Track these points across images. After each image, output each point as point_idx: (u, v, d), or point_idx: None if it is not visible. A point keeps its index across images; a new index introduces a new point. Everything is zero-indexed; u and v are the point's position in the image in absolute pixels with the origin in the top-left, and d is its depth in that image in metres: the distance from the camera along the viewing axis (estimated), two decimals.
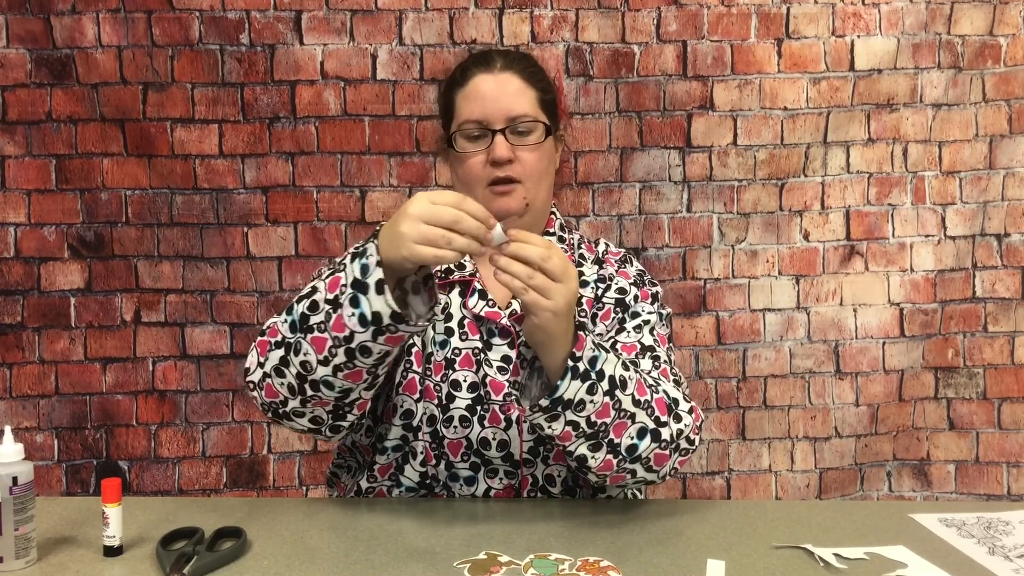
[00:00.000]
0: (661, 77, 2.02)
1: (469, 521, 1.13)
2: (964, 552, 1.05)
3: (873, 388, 2.08)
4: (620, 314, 1.28)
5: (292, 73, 1.98)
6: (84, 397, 2.00)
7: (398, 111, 2.01)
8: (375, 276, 1.01)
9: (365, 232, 2.00)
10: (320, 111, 1.99)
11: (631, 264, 1.36)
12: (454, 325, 1.24)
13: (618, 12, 2.01)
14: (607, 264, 1.34)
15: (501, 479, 1.23)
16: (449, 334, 1.23)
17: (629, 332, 1.26)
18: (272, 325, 1.11)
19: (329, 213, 2.02)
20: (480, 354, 1.22)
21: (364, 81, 2.00)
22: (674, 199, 2.06)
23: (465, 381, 1.21)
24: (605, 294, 1.30)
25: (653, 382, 1.16)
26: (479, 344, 1.23)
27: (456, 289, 1.26)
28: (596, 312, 1.29)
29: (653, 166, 2.05)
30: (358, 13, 1.98)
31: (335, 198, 2.02)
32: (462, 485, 1.23)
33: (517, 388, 1.19)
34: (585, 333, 1.08)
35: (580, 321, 1.12)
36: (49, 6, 1.93)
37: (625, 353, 1.22)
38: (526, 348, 1.11)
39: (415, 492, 1.25)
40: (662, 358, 1.24)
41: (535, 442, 1.21)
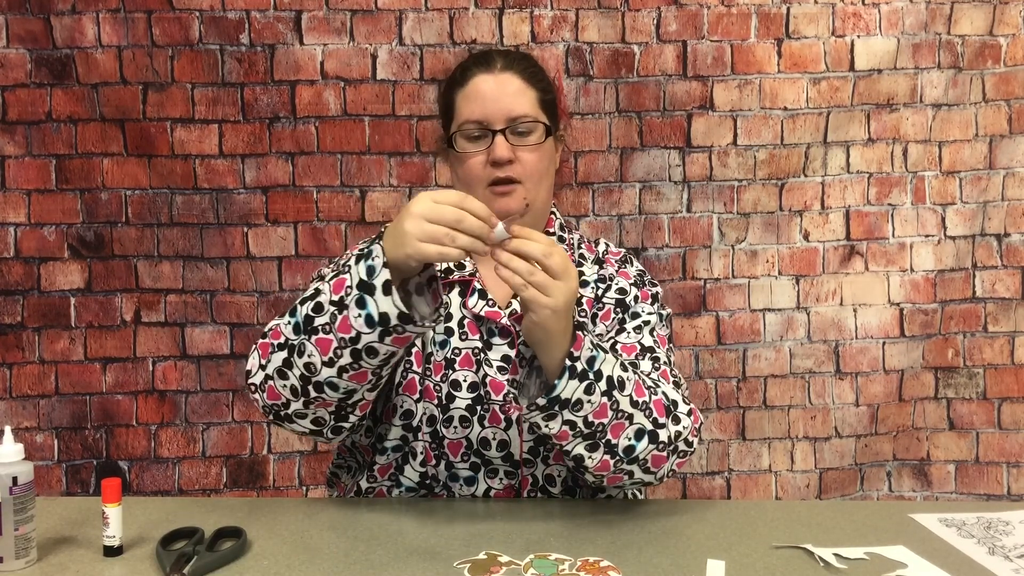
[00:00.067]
0: (661, 77, 2.02)
1: (469, 521, 1.13)
2: (964, 552, 1.05)
3: (873, 388, 2.08)
4: (620, 314, 1.28)
5: (292, 73, 1.98)
6: (84, 397, 2.00)
7: (398, 111, 2.01)
8: (382, 277, 1.01)
9: (365, 232, 2.00)
10: (320, 111, 1.99)
11: (631, 264, 1.36)
12: (454, 325, 1.24)
13: (618, 12, 2.01)
14: (607, 264, 1.34)
15: (501, 479, 1.23)
16: (449, 334, 1.23)
17: (629, 333, 1.26)
18: (274, 327, 1.11)
19: (329, 213, 2.02)
20: (480, 354, 1.22)
21: (364, 81, 2.00)
22: (674, 199, 2.06)
23: (465, 381, 1.21)
24: (605, 294, 1.30)
25: (652, 383, 1.16)
26: (479, 344, 1.23)
27: (456, 289, 1.26)
28: (596, 312, 1.28)
29: (653, 166, 2.05)
30: (358, 13, 1.98)
31: (335, 198, 2.02)
32: (462, 485, 1.23)
33: (516, 387, 1.19)
34: (584, 333, 1.08)
35: (579, 321, 1.12)
36: (49, 6, 1.93)
37: (624, 354, 1.22)
38: (525, 347, 1.11)
39: (415, 492, 1.25)
40: (662, 359, 1.24)
41: (535, 442, 1.21)
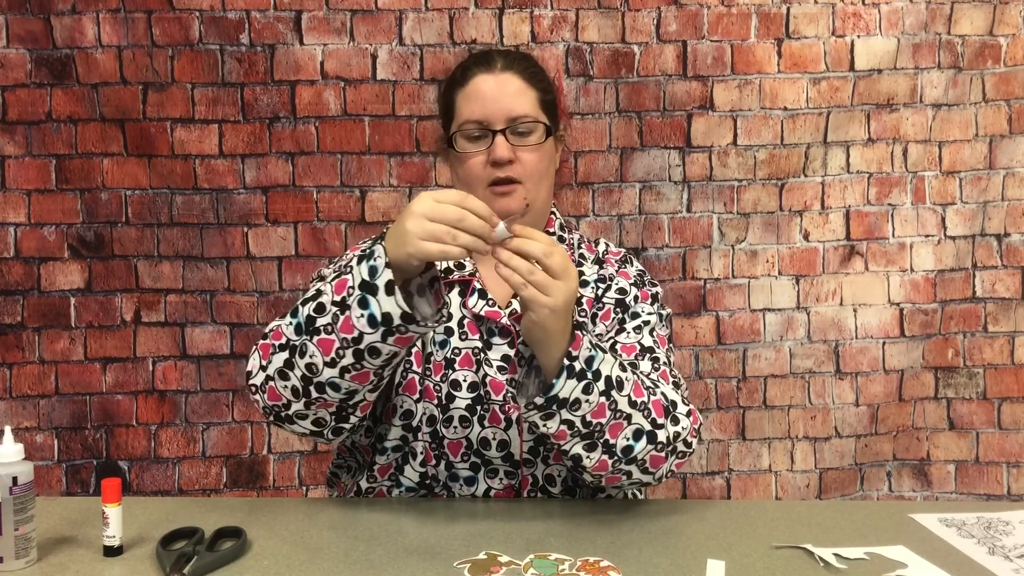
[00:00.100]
0: (661, 77, 2.02)
1: (469, 521, 1.13)
2: (964, 552, 1.05)
3: (873, 388, 2.08)
4: (620, 314, 1.28)
5: (292, 73, 1.98)
6: (84, 397, 2.00)
7: (398, 111, 2.01)
8: (384, 277, 1.01)
9: (365, 232, 2.00)
10: (320, 111, 1.99)
11: (631, 264, 1.36)
12: (454, 325, 1.24)
13: (618, 12, 2.01)
14: (607, 264, 1.34)
15: (501, 479, 1.23)
16: (449, 334, 1.23)
17: (629, 333, 1.25)
18: (275, 328, 1.11)
19: (329, 213, 2.02)
20: (480, 354, 1.22)
21: (364, 81, 2.00)
22: (674, 199, 2.06)
23: (465, 381, 1.21)
24: (605, 294, 1.30)
25: (651, 384, 1.15)
26: (479, 344, 1.23)
27: (456, 289, 1.26)
28: (596, 312, 1.28)
29: (653, 166, 2.05)
30: (358, 13, 1.98)
31: (335, 198, 2.02)
32: (462, 485, 1.23)
33: (514, 385, 1.19)
34: (583, 333, 1.08)
35: (579, 321, 1.12)
36: (49, 6, 1.93)
37: (624, 354, 1.22)
38: (524, 346, 1.11)
39: (415, 492, 1.25)
40: (661, 360, 1.24)
41: (535, 442, 1.21)
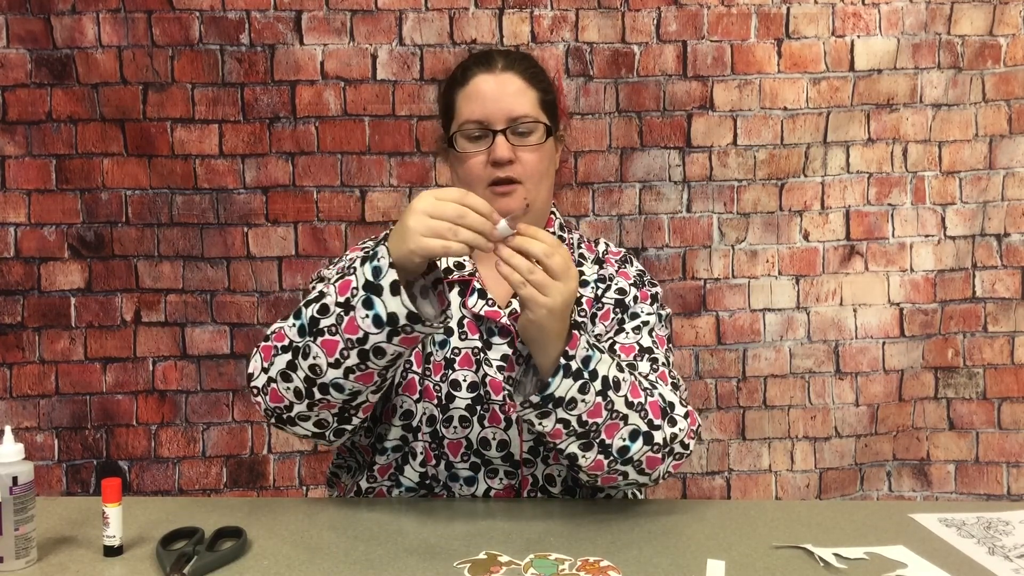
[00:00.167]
0: (661, 77, 2.02)
1: (469, 521, 1.13)
2: (964, 552, 1.05)
3: (873, 388, 2.08)
4: (619, 315, 1.28)
5: (292, 73, 1.98)
6: (84, 397, 2.00)
7: (398, 111, 2.01)
8: (389, 277, 1.01)
9: (365, 232, 2.00)
10: (320, 111, 1.99)
11: (631, 264, 1.36)
12: (453, 325, 1.24)
13: (618, 12, 2.01)
14: (607, 264, 1.34)
15: (501, 479, 1.23)
16: (448, 334, 1.23)
17: (628, 333, 1.25)
18: (277, 330, 1.11)
19: (329, 213, 2.02)
20: (480, 354, 1.22)
21: (364, 81, 2.00)
22: (674, 199, 2.06)
23: (465, 381, 1.21)
24: (605, 294, 1.30)
25: (649, 385, 1.15)
26: (479, 343, 1.23)
27: (455, 289, 1.26)
28: (596, 312, 1.28)
29: (653, 166, 2.05)
30: (358, 13, 1.98)
31: (335, 198, 2.02)
32: (462, 485, 1.23)
33: (511, 383, 1.19)
34: (580, 332, 1.07)
35: (577, 320, 1.12)
36: (49, 6, 1.93)
37: (623, 354, 1.22)
38: (523, 345, 1.11)
39: (415, 492, 1.25)
40: (660, 360, 1.24)
41: (535, 442, 1.21)
